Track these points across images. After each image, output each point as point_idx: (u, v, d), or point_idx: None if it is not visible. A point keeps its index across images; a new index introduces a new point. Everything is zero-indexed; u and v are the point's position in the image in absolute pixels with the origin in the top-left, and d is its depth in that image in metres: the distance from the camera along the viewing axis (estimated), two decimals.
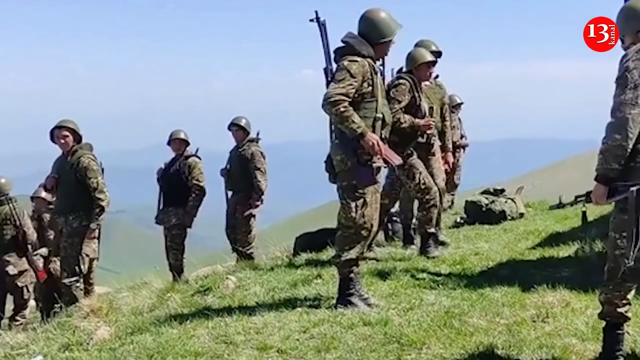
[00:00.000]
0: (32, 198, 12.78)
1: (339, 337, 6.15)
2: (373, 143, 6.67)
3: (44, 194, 12.37)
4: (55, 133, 9.92)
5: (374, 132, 6.79)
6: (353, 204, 6.87)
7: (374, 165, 6.84)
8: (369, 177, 6.86)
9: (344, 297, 7.00)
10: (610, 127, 4.99)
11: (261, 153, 11.83)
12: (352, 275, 7.00)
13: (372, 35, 6.95)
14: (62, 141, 9.89)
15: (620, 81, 5.02)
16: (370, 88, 6.83)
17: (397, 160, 6.94)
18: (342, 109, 6.63)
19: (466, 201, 13.42)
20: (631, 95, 4.96)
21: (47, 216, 12.19)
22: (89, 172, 9.70)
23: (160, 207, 11.76)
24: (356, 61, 6.80)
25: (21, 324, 11.25)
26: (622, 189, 5.04)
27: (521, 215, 13.10)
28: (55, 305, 9.99)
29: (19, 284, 11.70)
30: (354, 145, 6.77)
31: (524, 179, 41.05)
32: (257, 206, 11.88)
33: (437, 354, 5.63)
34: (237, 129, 11.98)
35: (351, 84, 6.71)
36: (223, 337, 6.40)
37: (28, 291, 11.91)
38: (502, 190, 13.77)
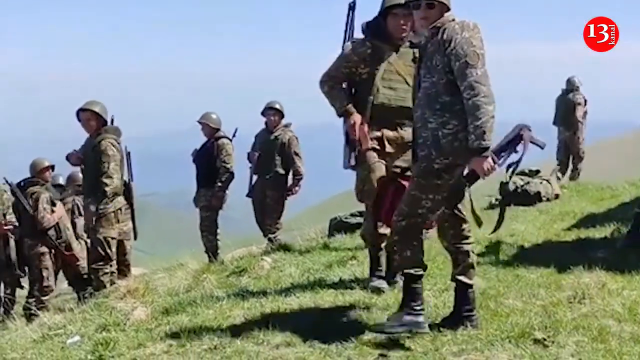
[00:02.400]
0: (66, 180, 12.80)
1: (374, 318, 6.16)
2: (351, 124, 6.75)
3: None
4: (80, 115, 9.91)
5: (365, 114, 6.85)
6: (355, 181, 7.01)
7: (358, 145, 6.87)
8: (352, 158, 6.93)
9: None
10: (481, 102, 5.34)
11: (296, 138, 11.85)
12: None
13: (380, 10, 6.97)
14: (85, 124, 9.89)
15: (472, 59, 5.41)
16: (368, 69, 6.86)
17: (365, 145, 6.86)
18: (326, 89, 6.89)
19: (501, 182, 13.32)
20: (484, 70, 5.44)
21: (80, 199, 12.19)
22: (103, 156, 9.62)
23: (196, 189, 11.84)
24: (356, 42, 6.92)
25: (40, 308, 10.92)
26: (505, 147, 5.66)
27: (556, 196, 13.01)
28: (87, 287, 10.05)
29: (40, 266, 11.52)
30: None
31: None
32: (297, 191, 11.91)
33: (473, 334, 5.60)
34: (275, 112, 11.91)
35: (343, 65, 6.89)
36: (258, 318, 6.42)
37: (49, 275, 11.63)
38: (537, 172, 13.66)
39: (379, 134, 6.86)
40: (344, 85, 7.00)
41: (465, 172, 5.64)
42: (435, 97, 5.59)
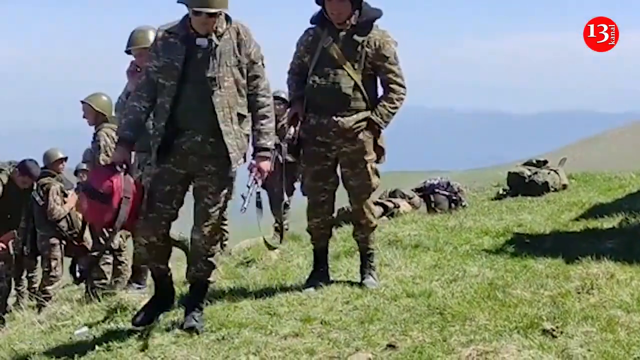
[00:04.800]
0: (75, 172, 12.78)
1: (382, 308, 6.16)
2: (290, 116, 6.93)
3: (85, 166, 12.40)
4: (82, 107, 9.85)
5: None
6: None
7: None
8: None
9: None
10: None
11: None
12: None
13: None
14: (86, 115, 9.80)
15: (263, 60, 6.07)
16: (309, 57, 6.80)
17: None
18: (287, 81, 7.03)
19: (509, 173, 13.33)
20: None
21: None
22: (97, 147, 9.57)
23: None
24: (303, 33, 6.95)
25: (43, 299, 10.89)
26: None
27: (564, 186, 12.97)
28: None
29: (50, 256, 11.49)
30: None
31: (566, 151, 40.77)
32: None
33: (481, 325, 5.61)
34: (280, 101, 11.73)
35: (295, 56, 6.97)
36: (266, 309, 6.43)
37: (57, 265, 11.62)
38: (545, 162, 13.63)
39: (313, 122, 6.75)
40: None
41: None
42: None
